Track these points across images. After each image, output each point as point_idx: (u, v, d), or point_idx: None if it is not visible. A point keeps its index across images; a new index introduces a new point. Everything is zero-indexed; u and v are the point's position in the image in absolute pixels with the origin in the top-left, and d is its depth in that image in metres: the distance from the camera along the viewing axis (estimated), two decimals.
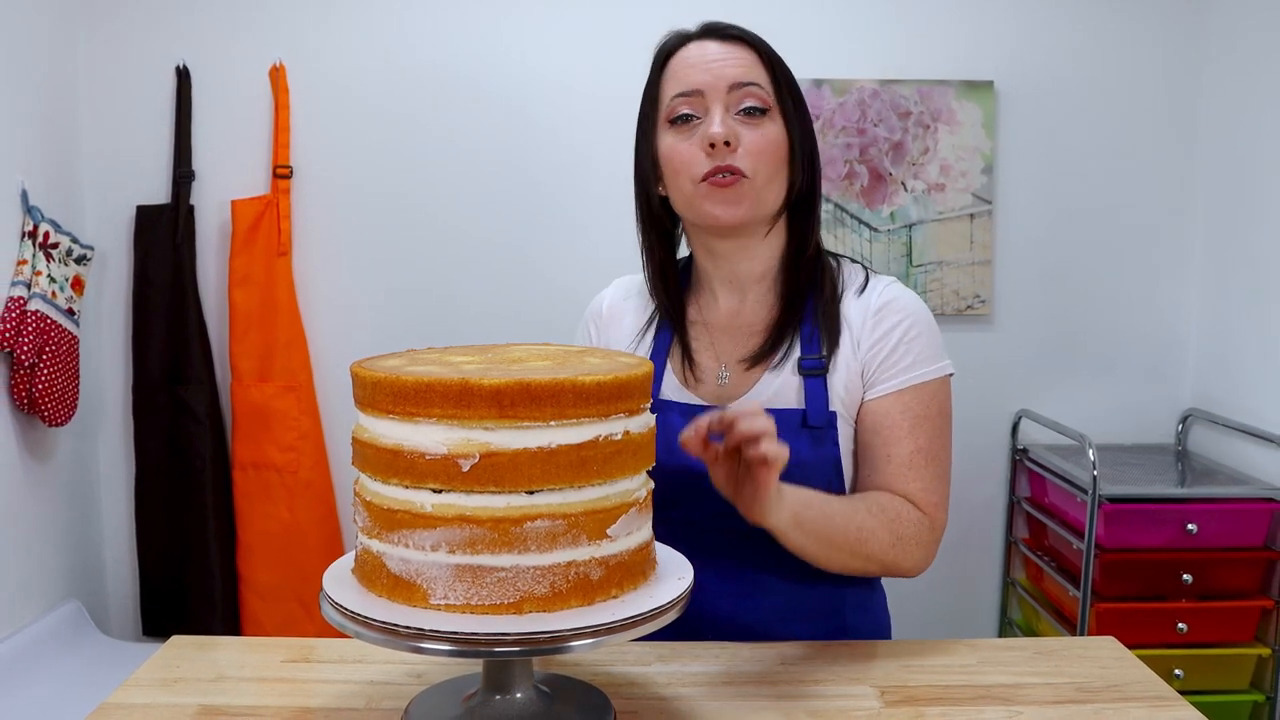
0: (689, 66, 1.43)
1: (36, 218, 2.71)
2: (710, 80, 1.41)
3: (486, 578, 1.03)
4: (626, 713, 1.22)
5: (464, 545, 1.02)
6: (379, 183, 3.12)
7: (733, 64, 1.42)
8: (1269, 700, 2.75)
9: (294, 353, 3.08)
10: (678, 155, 1.43)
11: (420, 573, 1.04)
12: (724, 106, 1.40)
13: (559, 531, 1.03)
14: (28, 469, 2.77)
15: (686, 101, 1.42)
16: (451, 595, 1.03)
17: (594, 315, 1.65)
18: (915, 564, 1.40)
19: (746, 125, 1.41)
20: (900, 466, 1.41)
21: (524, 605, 1.03)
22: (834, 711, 1.22)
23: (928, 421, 1.43)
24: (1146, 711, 1.24)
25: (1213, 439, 3.11)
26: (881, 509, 1.38)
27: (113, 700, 1.26)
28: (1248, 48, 2.95)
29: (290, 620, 3.07)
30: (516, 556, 1.02)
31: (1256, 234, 2.93)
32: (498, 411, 1.01)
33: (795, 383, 1.44)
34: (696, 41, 1.46)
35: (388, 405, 1.05)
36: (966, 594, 3.30)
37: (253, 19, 3.05)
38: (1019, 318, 3.21)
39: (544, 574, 1.03)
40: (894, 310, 1.46)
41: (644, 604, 1.07)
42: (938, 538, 1.43)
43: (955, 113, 3.09)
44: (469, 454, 1.01)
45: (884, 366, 1.44)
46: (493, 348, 1.25)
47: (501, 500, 1.02)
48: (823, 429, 1.42)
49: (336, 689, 1.29)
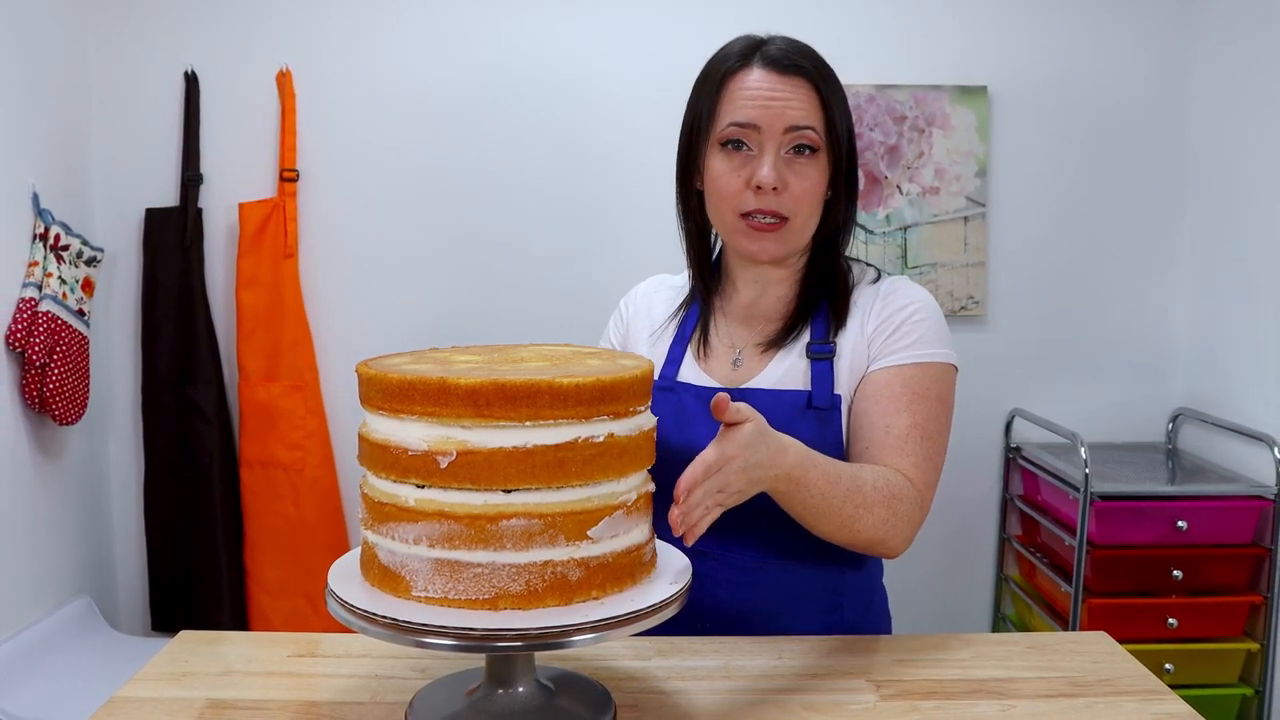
0: (749, 98, 1.43)
1: (48, 220, 2.73)
2: (768, 120, 1.42)
3: (463, 573, 1.05)
4: (627, 706, 1.23)
5: (442, 540, 1.05)
6: (384, 186, 3.14)
7: (793, 106, 1.42)
8: (1258, 694, 2.77)
9: (300, 353, 3.10)
10: (725, 184, 1.45)
11: (404, 564, 1.07)
12: (777, 146, 1.42)
13: (535, 531, 1.05)
14: (39, 467, 2.79)
15: (741, 131, 1.43)
16: (431, 588, 1.06)
17: (628, 303, 1.72)
18: (900, 543, 1.39)
19: (794, 164, 1.43)
20: (897, 439, 1.42)
21: (499, 602, 1.05)
22: (830, 705, 1.24)
23: (926, 401, 1.44)
24: (1137, 705, 1.25)
25: (1202, 437, 3.13)
26: (885, 483, 1.36)
27: (122, 694, 1.27)
28: (1235, 54, 2.98)
29: (297, 615, 3.09)
30: (492, 553, 1.04)
31: (1245, 237, 2.94)
32: (474, 410, 1.03)
33: (803, 365, 1.48)
34: (760, 69, 1.44)
35: (379, 402, 1.09)
36: (960, 590, 3.31)
37: (260, 25, 3.08)
38: (1012, 318, 3.23)
39: (519, 572, 1.05)
40: (903, 295, 1.50)
41: (623, 607, 1.07)
42: (922, 519, 1.43)
43: (950, 117, 3.12)
44: (447, 451, 1.04)
45: (889, 342, 1.46)
46: (499, 348, 1.26)
47: (479, 498, 1.04)
48: (826, 411, 1.45)
49: (342, 683, 1.30)
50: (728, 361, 1.54)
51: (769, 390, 1.47)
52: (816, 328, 1.50)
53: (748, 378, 1.51)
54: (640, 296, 1.70)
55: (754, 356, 1.52)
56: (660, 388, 1.51)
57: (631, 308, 1.70)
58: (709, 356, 1.56)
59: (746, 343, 1.54)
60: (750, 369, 1.52)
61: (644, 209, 3.11)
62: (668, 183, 1.59)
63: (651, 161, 3.07)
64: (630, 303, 1.71)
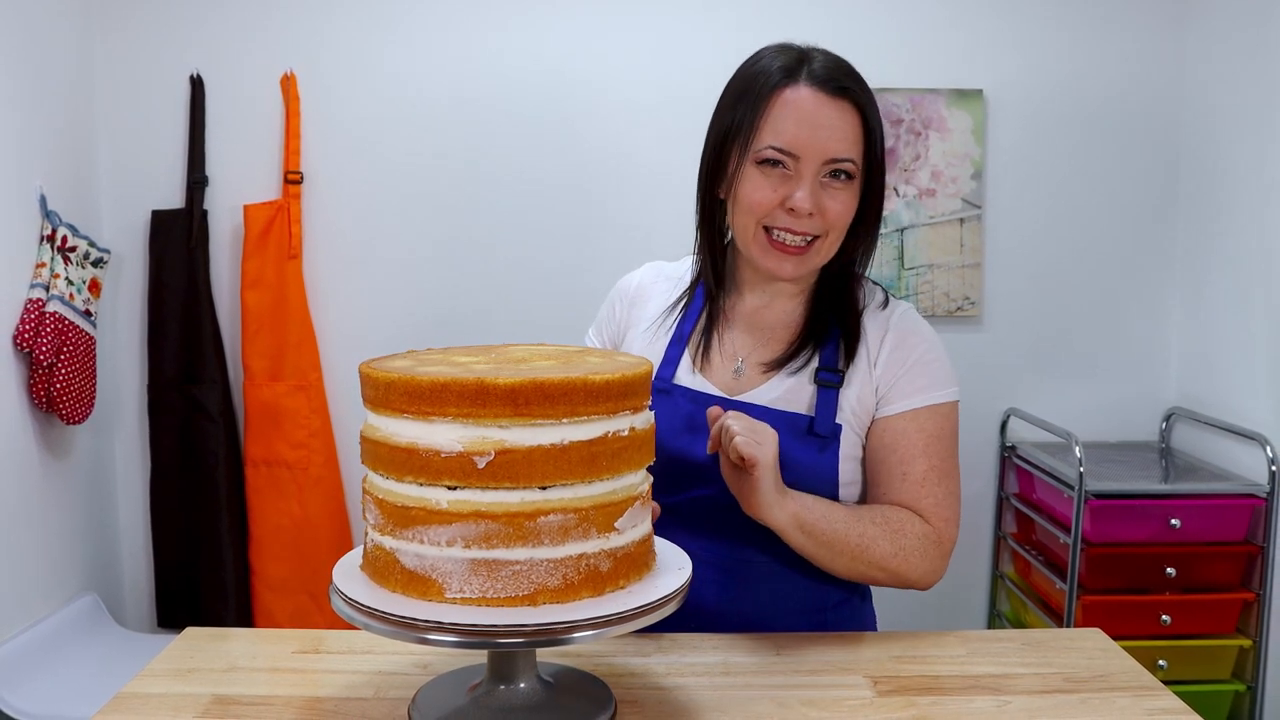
0: (794, 121, 1.39)
1: (55, 222, 2.75)
2: (812, 148, 1.38)
3: (501, 571, 1.05)
4: (627, 702, 1.24)
5: (479, 540, 1.04)
6: (386, 188, 3.16)
7: (837, 135, 1.39)
8: (1250, 689, 2.79)
9: (304, 353, 3.12)
10: (756, 196, 1.41)
11: (435, 567, 1.06)
12: (815, 172, 1.39)
13: (570, 525, 1.06)
14: (46, 466, 2.81)
15: (781, 154, 1.39)
16: (467, 589, 1.05)
17: (622, 292, 1.68)
18: (922, 575, 1.43)
19: (829, 188, 1.40)
20: (915, 484, 1.45)
21: (538, 597, 1.06)
22: (828, 701, 1.25)
23: (940, 441, 1.47)
24: (1131, 700, 1.26)
25: (1195, 436, 3.15)
26: (886, 519, 1.42)
27: (129, 690, 1.27)
28: (1227, 57, 3.00)
29: (301, 612, 3.11)
30: (530, 550, 1.05)
31: (1235, 238, 2.96)
32: (513, 410, 1.03)
33: (809, 391, 1.48)
34: (805, 87, 1.40)
35: (402, 405, 1.06)
36: (956, 587, 3.33)
37: (264, 29, 3.09)
38: (1008, 319, 3.25)
39: (556, 566, 1.06)
40: (911, 334, 1.50)
41: (651, 594, 1.10)
42: (946, 551, 1.46)
43: (946, 120, 3.14)
44: (484, 451, 1.03)
45: (899, 386, 1.47)
46: (494, 348, 1.27)
47: (516, 495, 1.05)
48: (826, 439, 1.45)
49: (346, 679, 1.31)
50: (727, 369, 1.52)
51: (770, 408, 1.47)
52: (827, 353, 1.49)
53: (747, 389, 1.50)
54: (635, 288, 1.66)
55: (756, 370, 1.51)
56: (656, 389, 1.48)
57: (626, 299, 1.66)
58: (708, 361, 1.53)
59: (749, 352, 1.53)
60: (751, 380, 1.50)
61: (645, 211, 3.13)
62: (668, 185, 1.58)
63: (653, 165, 3.11)
64: (623, 296, 1.67)
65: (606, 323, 1.68)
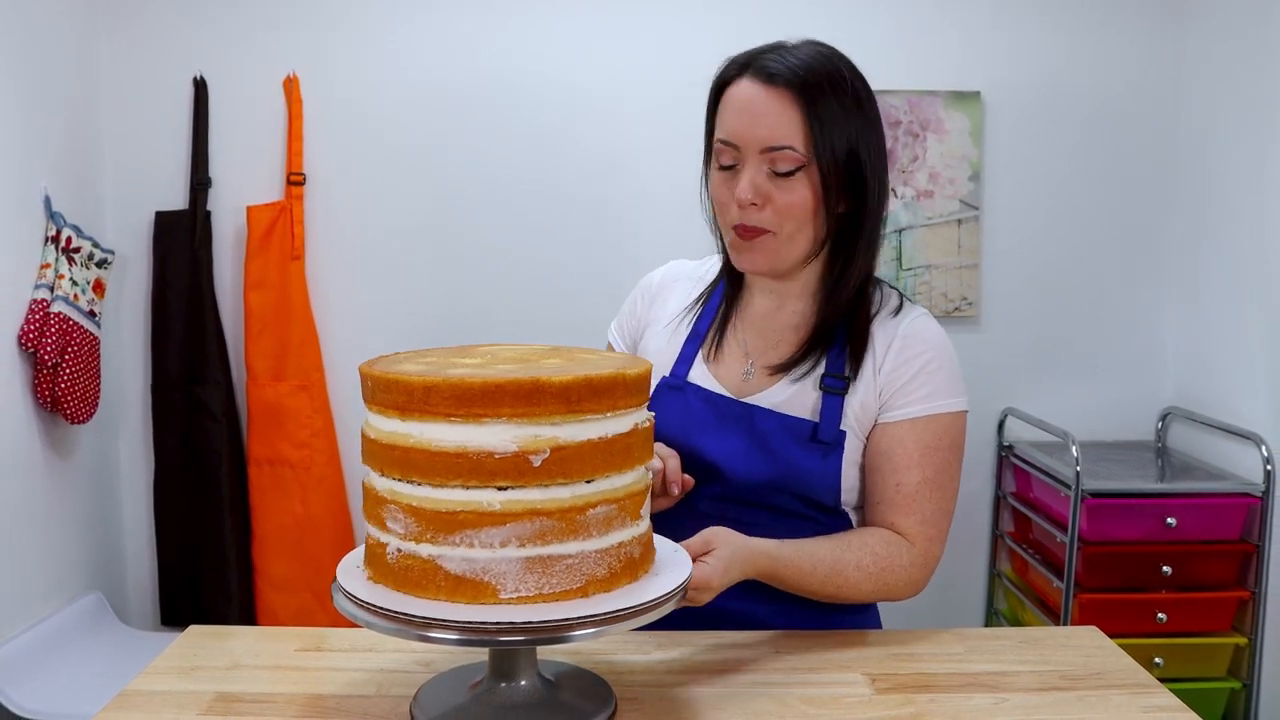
0: (734, 113, 1.41)
1: (59, 223, 2.76)
2: (746, 138, 1.39)
3: (555, 566, 1.06)
4: (628, 699, 1.24)
5: (534, 537, 1.05)
6: (389, 189, 3.17)
7: (768, 123, 1.38)
8: (1245, 687, 2.80)
9: (307, 353, 3.13)
10: (717, 194, 1.46)
11: (488, 569, 1.06)
12: (756, 164, 1.39)
13: (613, 515, 1.10)
14: (51, 465, 2.82)
15: (727, 150, 1.42)
16: (523, 587, 1.06)
17: (644, 289, 1.69)
18: (903, 595, 1.46)
19: (777, 181, 1.40)
20: (906, 497, 1.44)
21: (589, 588, 1.08)
22: (827, 699, 1.26)
23: (938, 453, 1.45)
24: (1127, 698, 1.27)
25: (1191, 436, 3.16)
26: (872, 557, 1.42)
27: (132, 687, 1.27)
28: (1223, 59, 3.01)
29: (303, 611, 3.12)
30: (581, 543, 1.07)
31: (1232, 239, 2.98)
32: (566, 406, 1.05)
33: (814, 397, 1.47)
34: (746, 80, 1.41)
35: (447, 409, 1.05)
36: (954, 585, 3.34)
37: (267, 32, 3.11)
38: (1005, 319, 3.26)
39: (603, 556, 1.09)
40: (918, 340, 1.47)
41: (677, 577, 1.15)
42: (931, 569, 1.47)
43: (944, 122, 3.15)
44: (539, 449, 1.05)
45: (901, 393, 1.46)
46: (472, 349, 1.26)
47: (568, 491, 1.07)
48: (830, 445, 1.45)
49: (348, 677, 1.31)
50: (738, 370, 1.53)
51: (775, 412, 1.47)
52: (833, 360, 1.48)
53: (754, 391, 1.50)
54: (658, 284, 1.68)
55: (764, 374, 1.51)
56: (670, 385, 1.52)
57: (648, 296, 1.68)
58: (720, 360, 1.54)
59: (759, 354, 1.52)
60: (759, 383, 1.50)
61: (646, 213, 3.15)
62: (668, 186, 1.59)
63: (653, 166, 3.12)
64: (646, 291, 1.68)
65: (628, 318, 1.70)
